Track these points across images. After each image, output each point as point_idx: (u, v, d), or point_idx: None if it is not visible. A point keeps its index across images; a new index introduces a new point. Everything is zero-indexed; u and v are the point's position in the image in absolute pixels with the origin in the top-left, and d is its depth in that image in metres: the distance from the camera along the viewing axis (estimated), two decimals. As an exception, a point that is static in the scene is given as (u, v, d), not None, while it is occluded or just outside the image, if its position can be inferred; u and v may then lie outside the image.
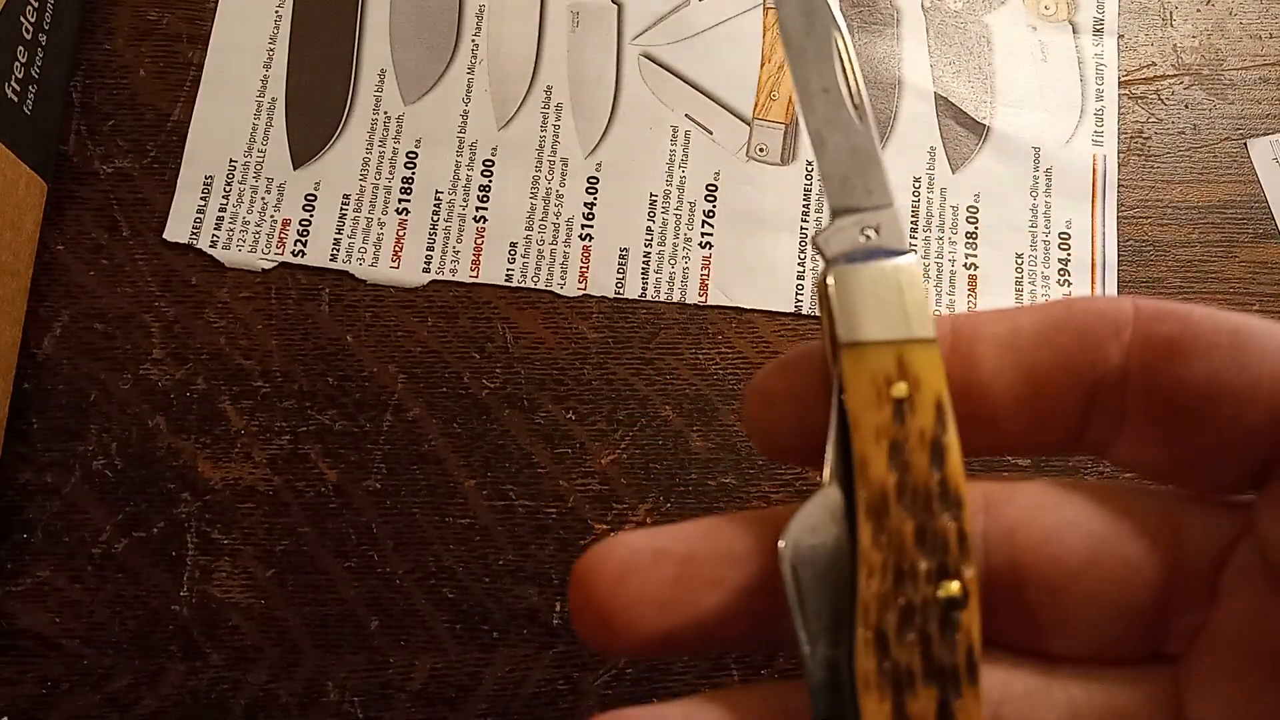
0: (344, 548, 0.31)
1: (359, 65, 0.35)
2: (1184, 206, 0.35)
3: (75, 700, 0.29)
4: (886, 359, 0.15)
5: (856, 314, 0.15)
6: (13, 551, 0.30)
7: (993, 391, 0.15)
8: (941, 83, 0.36)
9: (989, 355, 0.15)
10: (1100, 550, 0.15)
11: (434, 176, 0.34)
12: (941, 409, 0.15)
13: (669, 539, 0.15)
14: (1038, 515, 0.15)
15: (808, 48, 0.16)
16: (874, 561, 0.14)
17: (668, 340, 0.33)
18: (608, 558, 0.15)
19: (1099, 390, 0.15)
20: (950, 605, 0.14)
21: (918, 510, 0.14)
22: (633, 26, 0.36)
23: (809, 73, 0.16)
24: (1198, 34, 0.37)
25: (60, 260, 0.32)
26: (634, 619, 0.15)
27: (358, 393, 0.32)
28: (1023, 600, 0.15)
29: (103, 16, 0.35)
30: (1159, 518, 0.15)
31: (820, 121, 0.16)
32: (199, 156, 0.34)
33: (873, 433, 0.14)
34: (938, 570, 0.14)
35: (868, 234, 0.16)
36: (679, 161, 0.35)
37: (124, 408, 0.31)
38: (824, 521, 0.15)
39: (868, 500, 0.14)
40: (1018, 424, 0.15)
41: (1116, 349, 0.15)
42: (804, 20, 0.16)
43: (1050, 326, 0.15)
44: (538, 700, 0.30)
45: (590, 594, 0.15)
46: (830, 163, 0.16)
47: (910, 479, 0.14)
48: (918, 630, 0.14)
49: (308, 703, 0.29)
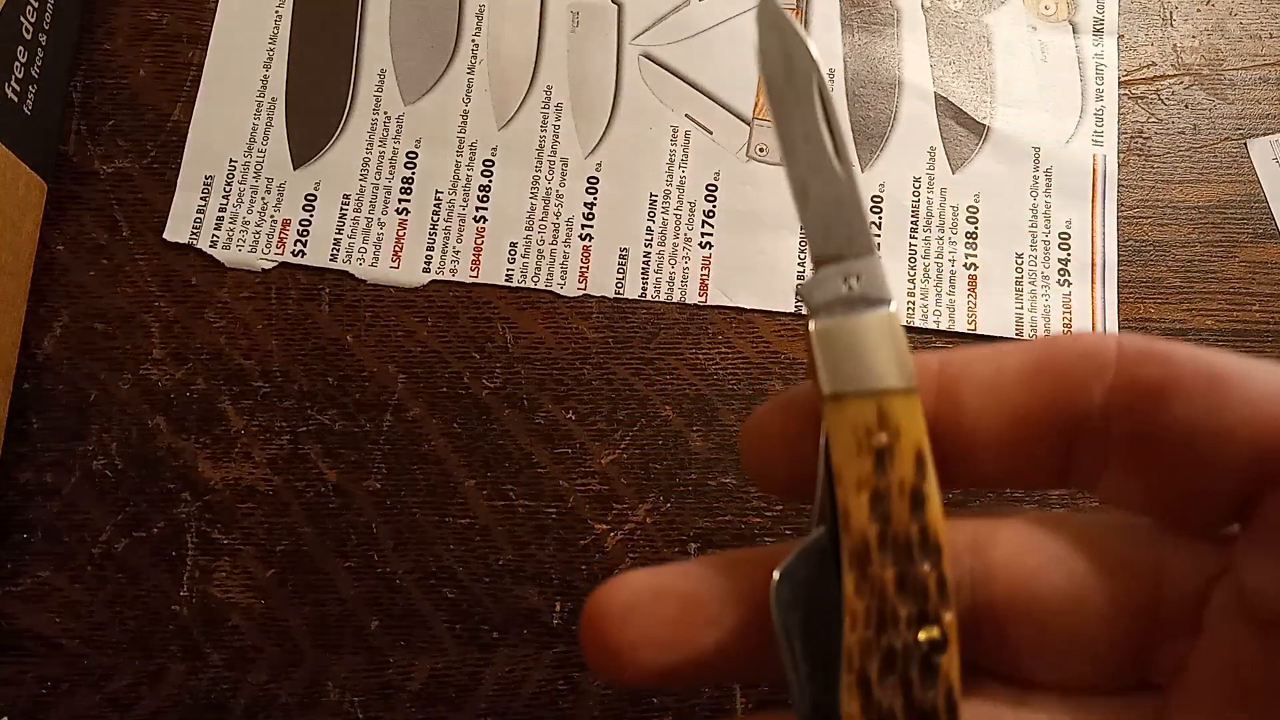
0: (344, 548, 0.31)
1: (359, 65, 0.35)
2: (1184, 206, 0.35)
3: (75, 700, 0.29)
4: (867, 410, 0.15)
5: (838, 366, 0.15)
6: (13, 551, 0.30)
7: (978, 432, 0.16)
8: (941, 83, 0.36)
9: (974, 396, 0.16)
10: (1083, 586, 0.15)
11: (434, 176, 0.34)
12: (921, 458, 0.15)
13: (671, 579, 0.16)
14: (1022, 553, 0.16)
15: (788, 94, 0.16)
16: (857, 609, 0.15)
17: (668, 340, 0.33)
18: (614, 598, 0.16)
19: (1082, 430, 0.15)
20: (931, 649, 0.15)
21: (899, 558, 0.15)
22: (633, 26, 0.36)
23: (790, 120, 0.16)
24: (1198, 34, 0.37)
25: (60, 260, 0.32)
26: (639, 656, 0.16)
27: (358, 393, 0.32)
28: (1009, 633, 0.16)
29: (103, 16, 0.35)
30: (1142, 552, 0.16)
31: (802, 169, 0.16)
32: (199, 156, 0.34)
33: (855, 483, 0.15)
34: (918, 616, 0.15)
35: (850, 283, 0.16)
36: (679, 161, 0.35)
37: (124, 408, 0.31)
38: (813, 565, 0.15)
39: (851, 549, 0.15)
40: (1003, 463, 0.16)
41: (1099, 390, 0.15)
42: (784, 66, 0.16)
43: (1033, 368, 0.16)
44: (538, 700, 0.30)
45: (599, 633, 0.16)
46: (813, 212, 0.16)
47: (891, 528, 0.15)
48: (899, 674, 0.14)
49: (308, 703, 0.29)
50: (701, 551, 0.31)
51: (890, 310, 0.16)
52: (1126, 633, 0.15)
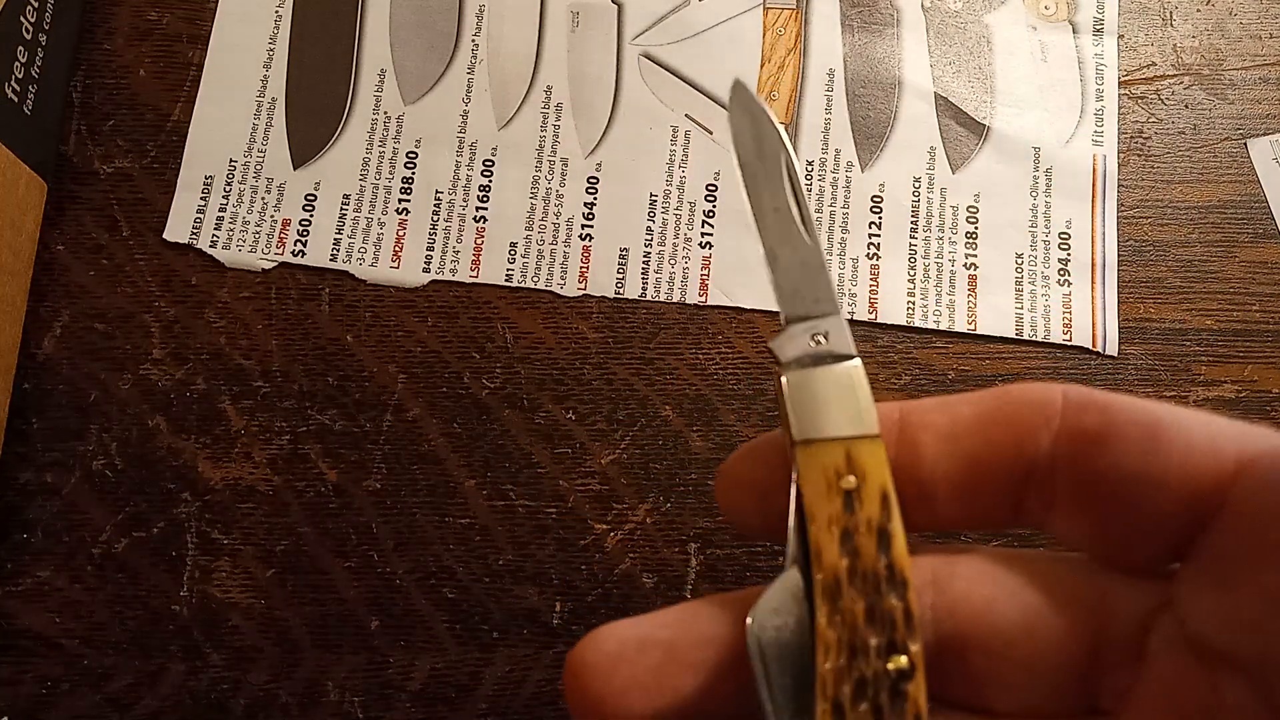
0: (344, 548, 0.31)
1: (359, 65, 0.35)
2: (1184, 206, 0.35)
3: (75, 700, 0.29)
4: (836, 454, 0.16)
5: (809, 414, 0.17)
6: (13, 551, 0.30)
7: (935, 477, 0.17)
8: (941, 83, 0.36)
9: (932, 444, 0.17)
10: (1035, 618, 0.16)
11: (434, 176, 0.34)
12: (886, 499, 0.16)
13: (652, 628, 0.17)
14: (978, 587, 0.17)
15: (759, 170, 0.18)
16: (830, 640, 0.16)
17: (668, 340, 0.33)
18: (599, 649, 0.17)
19: (1031, 475, 0.17)
20: (899, 677, 0.15)
21: (868, 592, 0.16)
22: (633, 26, 0.36)
23: (761, 193, 0.18)
24: (1198, 34, 0.37)
25: (60, 260, 0.33)
26: (625, 704, 0.16)
27: (358, 393, 0.32)
28: (968, 664, 0.17)
29: (103, 16, 0.35)
30: (1089, 586, 0.17)
31: (773, 239, 0.18)
32: (199, 156, 0.34)
33: (826, 521, 0.16)
34: (887, 646, 0.16)
35: (818, 339, 0.17)
36: (679, 161, 0.35)
37: (124, 408, 0.31)
38: (786, 603, 0.16)
39: (823, 583, 0.16)
40: (959, 505, 0.17)
41: (1046, 438, 0.16)
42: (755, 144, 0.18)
43: (986, 417, 0.17)
44: (538, 700, 0.30)
45: (585, 684, 0.16)
46: (782, 275, 0.18)
47: (860, 564, 0.16)
48: (870, 701, 0.15)
49: (308, 703, 0.29)
50: (701, 551, 0.31)
51: (856, 364, 0.17)
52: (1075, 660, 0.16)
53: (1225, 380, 0.33)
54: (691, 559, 0.31)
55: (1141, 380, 0.33)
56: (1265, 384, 0.33)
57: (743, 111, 0.18)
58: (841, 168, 0.35)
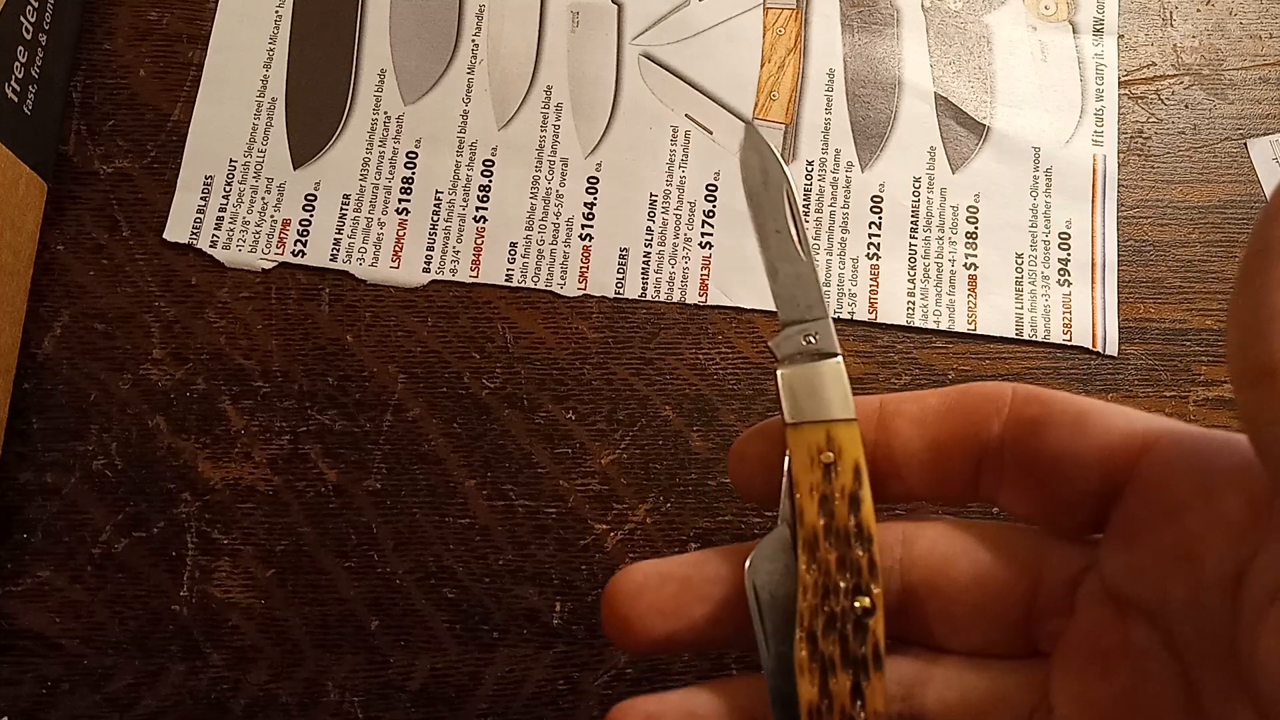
0: (344, 548, 0.31)
1: (359, 65, 0.35)
2: (1184, 206, 0.35)
3: (75, 700, 0.29)
4: (818, 435, 0.20)
5: (798, 401, 0.20)
6: (13, 551, 0.30)
7: (907, 455, 0.20)
8: (941, 83, 0.36)
9: (904, 428, 0.20)
10: (983, 573, 0.20)
11: (434, 176, 0.34)
12: (858, 471, 0.20)
13: (671, 566, 0.21)
14: (939, 545, 0.20)
15: (764, 199, 0.21)
16: (807, 582, 0.19)
17: (668, 340, 0.33)
18: (629, 580, 0.21)
19: (985, 455, 0.20)
20: (863, 614, 0.19)
21: (839, 545, 0.19)
22: (633, 26, 0.36)
23: (765, 218, 0.21)
24: (1198, 34, 0.37)
25: (60, 260, 0.33)
26: (647, 625, 0.20)
27: (358, 393, 0.32)
28: (929, 608, 0.20)
29: (103, 16, 0.35)
30: (1027, 549, 0.20)
31: (774, 255, 0.21)
32: (199, 156, 0.34)
33: (808, 488, 0.20)
34: (854, 589, 0.19)
35: (809, 340, 0.21)
36: (679, 161, 0.35)
37: (124, 408, 0.31)
38: (777, 552, 0.20)
39: (804, 538, 0.20)
40: (925, 480, 0.20)
41: (997, 424, 0.20)
42: (761, 177, 0.21)
43: (948, 407, 0.20)
44: (538, 700, 0.30)
45: (615, 608, 0.20)
46: (781, 286, 0.21)
47: (834, 523, 0.20)
48: (838, 631, 0.19)
49: (308, 703, 0.29)
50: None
51: (838, 360, 0.20)
52: (1016, 608, 0.20)
53: (1225, 380, 0.33)
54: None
55: (1141, 380, 0.33)
56: (1265, 384, 0.33)
57: (752, 150, 0.22)
58: (841, 168, 0.35)
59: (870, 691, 0.19)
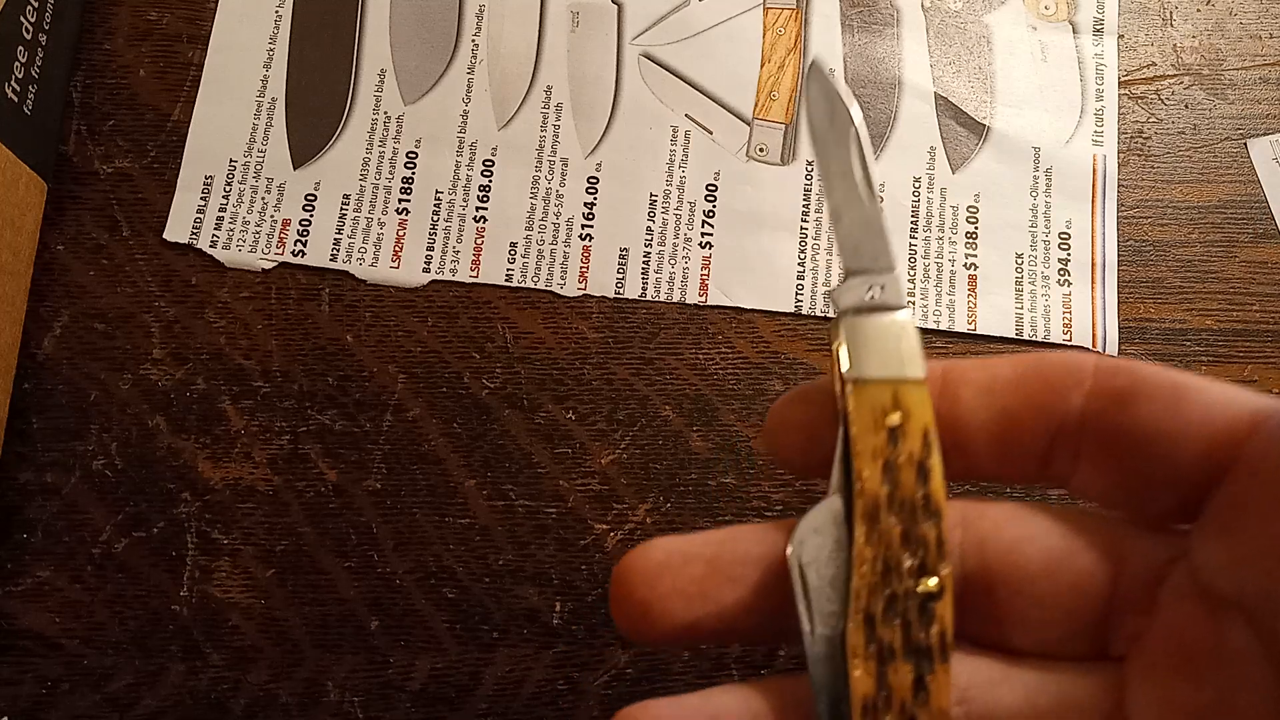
0: (344, 548, 0.31)
1: (359, 65, 0.35)
2: (1184, 206, 0.35)
3: (75, 700, 0.29)
4: (884, 394, 0.18)
5: (861, 356, 0.18)
6: (13, 551, 0.30)
7: (973, 427, 0.18)
8: (941, 83, 0.36)
9: (971, 397, 0.18)
10: (1055, 561, 0.18)
11: (434, 176, 0.34)
12: (928, 437, 0.17)
13: (697, 544, 0.18)
14: (1005, 528, 0.18)
15: (830, 138, 0.19)
16: (866, 556, 0.17)
17: (668, 340, 0.33)
18: (646, 558, 0.18)
19: (1061, 430, 0.18)
20: (928, 598, 0.17)
21: (904, 517, 0.17)
22: (633, 26, 0.36)
23: (830, 158, 0.19)
24: (1198, 34, 0.37)
25: (60, 260, 0.33)
26: (667, 609, 0.17)
27: (358, 393, 0.32)
28: (992, 599, 0.18)
29: (103, 16, 0.35)
30: (1106, 538, 0.18)
31: (839, 199, 0.19)
32: (199, 156, 0.34)
33: (870, 453, 0.17)
34: (919, 568, 0.17)
35: (873, 292, 0.19)
36: (679, 161, 0.35)
37: (124, 408, 0.31)
38: (826, 524, 0.17)
39: (863, 507, 0.17)
40: (992, 456, 0.18)
41: (1077, 397, 0.18)
42: (827, 117, 0.20)
43: (1023, 375, 0.18)
44: (538, 700, 0.30)
45: (630, 588, 0.18)
46: (845, 233, 0.19)
47: (899, 493, 0.17)
48: (900, 615, 0.17)
49: (308, 703, 0.29)
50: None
51: (907, 315, 0.18)
52: (1092, 603, 0.18)
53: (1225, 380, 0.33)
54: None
55: (1141, 380, 0.33)
56: (1265, 384, 0.33)
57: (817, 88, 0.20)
58: (841, 168, 0.35)
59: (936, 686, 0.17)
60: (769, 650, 0.30)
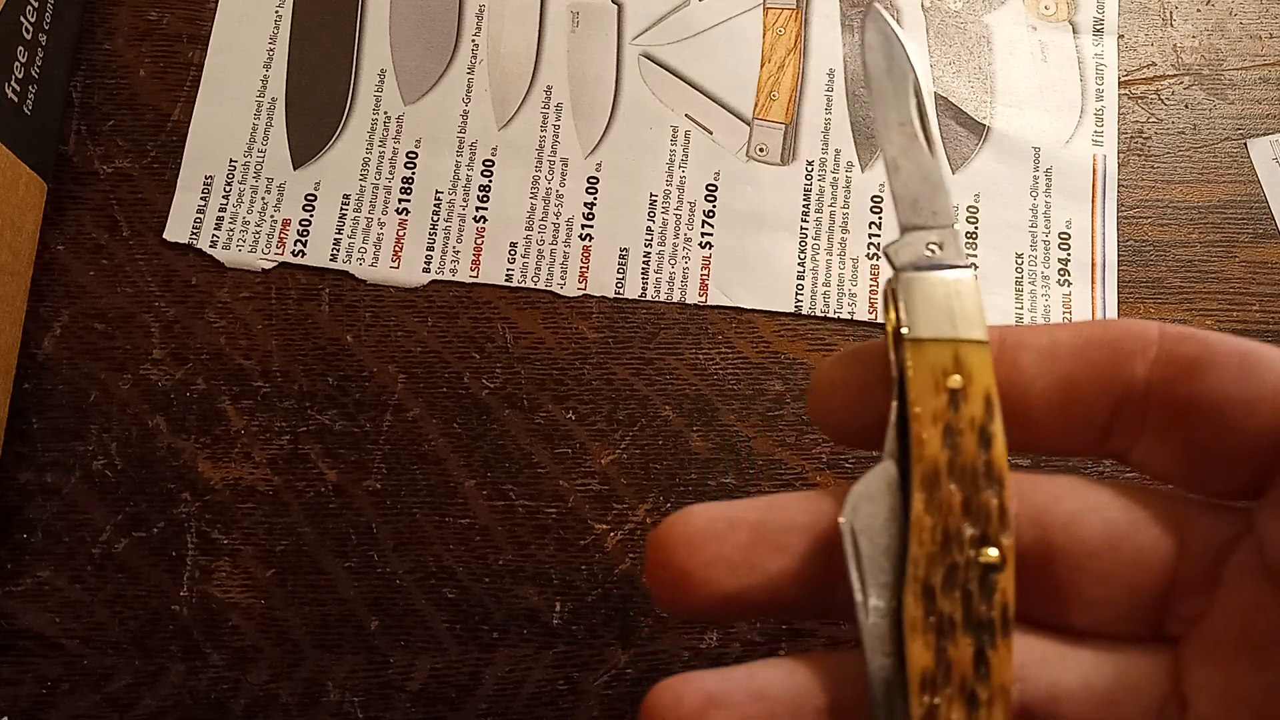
0: (344, 548, 0.31)
1: (359, 65, 0.35)
2: (1184, 206, 0.35)
3: (75, 700, 0.29)
4: (944, 354, 0.17)
5: (920, 315, 0.17)
6: (13, 551, 0.30)
7: (1031, 394, 0.17)
8: (941, 83, 0.36)
9: (1030, 363, 0.17)
10: (1116, 535, 0.17)
11: (434, 176, 0.34)
12: (990, 401, 0.17)
13: (741, 510, 0.17)
14: (1063, 501, 0.17)
15: (887, 86, 0.19)
16: (925, 525, 0.16)
17: (668, 340, 0.33)
18: (687, 524, 0.17)
19: (1125, 400, 0.17)
20: (989, 569, 0.16)
21: (965, 485, 0.16)
22: (633, 26, 0.36)
23: (888, 107, 0.19)
24: (1198, 34, 0.37)
25: (60, 260, 0.33)
26: (709, 577, 0.17)
27: (358, 393, 0.32)
28: (1049, 574, 0.17)
29: (103, 16, 0.35)
30: (1168, 513, 0.17)
31: (896, 150, 0.18)
32: (199, 156, 0.34)
33: (930, 416, 0.17)
34: (980, 538, 0.16)
35: (932, 249, 0.18)
36: (679, 161, 0.35)
37: (124, 408, 0.31)
38: (880, 491, 0.17)
39: (922, 473, 0.16)
40: (1052, 425, 0.17)
41: (1142, 365, 0.17)
42: (885, 62, 0.19)
43: (1086, 341, 0.17)
44: (538, 700, 0.30)
45: (669, 556, 0.17)
46: (902, 185, 0.18)
47: (960, 458, 0.16)
48: (960, 587, 0.16)
49: (308, 703, 0.29)
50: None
51: (969, 273, 0.17)
52: (1154, 580, 0.17)
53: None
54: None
55: (1141, 380, 0.33)
56: (1265, 384, 0.33)
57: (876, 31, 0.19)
58: (841, 168, 0.35)
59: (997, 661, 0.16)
60: (770, 649, 0.30)
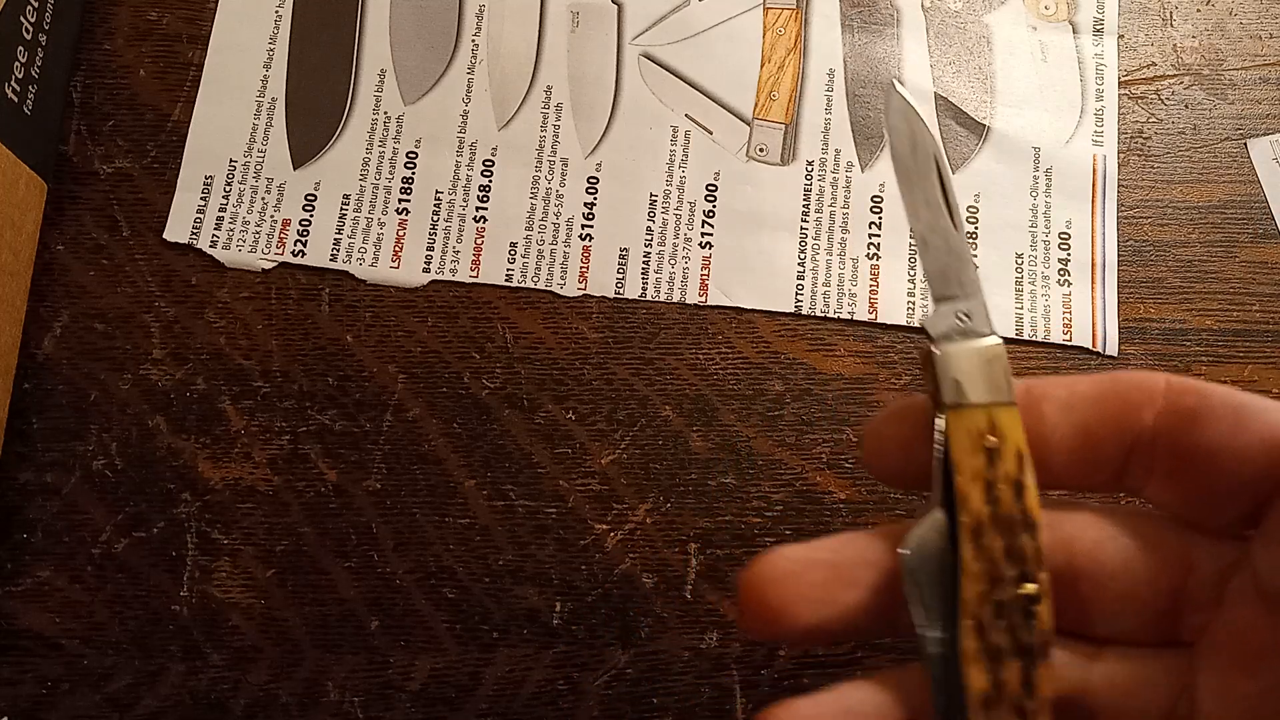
0: (344, 548, 0.31)
1: (359, 65, 0.35)
2: (1184, 206, 0.35)
3: (75, 700, 0.29)
4: (980, 418, 0.19)
5: (958, 384, 0.19)
6: (13, 551, 0.30)
7: (1054, 441, 0.20)
8: (941, 83, 0.36)
9: (1051, 413, 0.20)
10: (1132, 558, 0.20)
11: (434, 176, 0.34)
12: (1021, 456, 0.19)
13: (818, 551, 0.20)
14: (1088, 531, 0.20)
15: (913, 169, 0.20)
16: (974, 571, 0.19)
17: (668, 340, 0.33)
18: (772, 568, 0.20)
19: (1135, 446, 0.19)
20: (1029, 601, 0.18)
21: (1005, 533, 0.19)
22: (633, 26, 0.36)
23: (914, 188, 0.20)
24: (1198, 34, 0.37)
25: (60, 260, 0.33)
26: (796, 613, 0.19)
27: (358, 393, 0.32)
28: (1076, 592, 0.20)
29: (103, 16, 0.35)
30: (1178, 540, 0.20)
31: (924, 227, 0.20)
32: (199, 156, 0.34)
33: (971, 474, 0.19)
34: (1020, 576, 0.19)
35: (962, 318, 0.20)
36: (679, 161, 0.35)
37: (124, 408, 0.31)
38: (932, 537, 0.19)
39: (969, 525, 0.19)
40: (1071, 468, 0.20)
41: (1150, 414, 0.19)
42: (910, 145, 0.20)
43: (1101, 393, 0.20)
44: (538, 700, 0.30)
45: (761, 596, 0.19)
46: (932, 260, 0.20)
47: (1000, 510, 0.19)
48: (1007, 620, 0.19)
49: (308, 703, 0.29)
50: (701, 551, 0.31)
51: (997, 341, 0.20)
52: (1164, 597, 0.19)
53: (1225, 380, 0.33)
54: (691, 559, 0.31)
55: (1141, 380, 0.33)
56: (1265, 384, 0.33)
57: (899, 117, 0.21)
58: (841, 168, 0.35)
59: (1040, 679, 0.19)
60: (768, 651, 0.30)
